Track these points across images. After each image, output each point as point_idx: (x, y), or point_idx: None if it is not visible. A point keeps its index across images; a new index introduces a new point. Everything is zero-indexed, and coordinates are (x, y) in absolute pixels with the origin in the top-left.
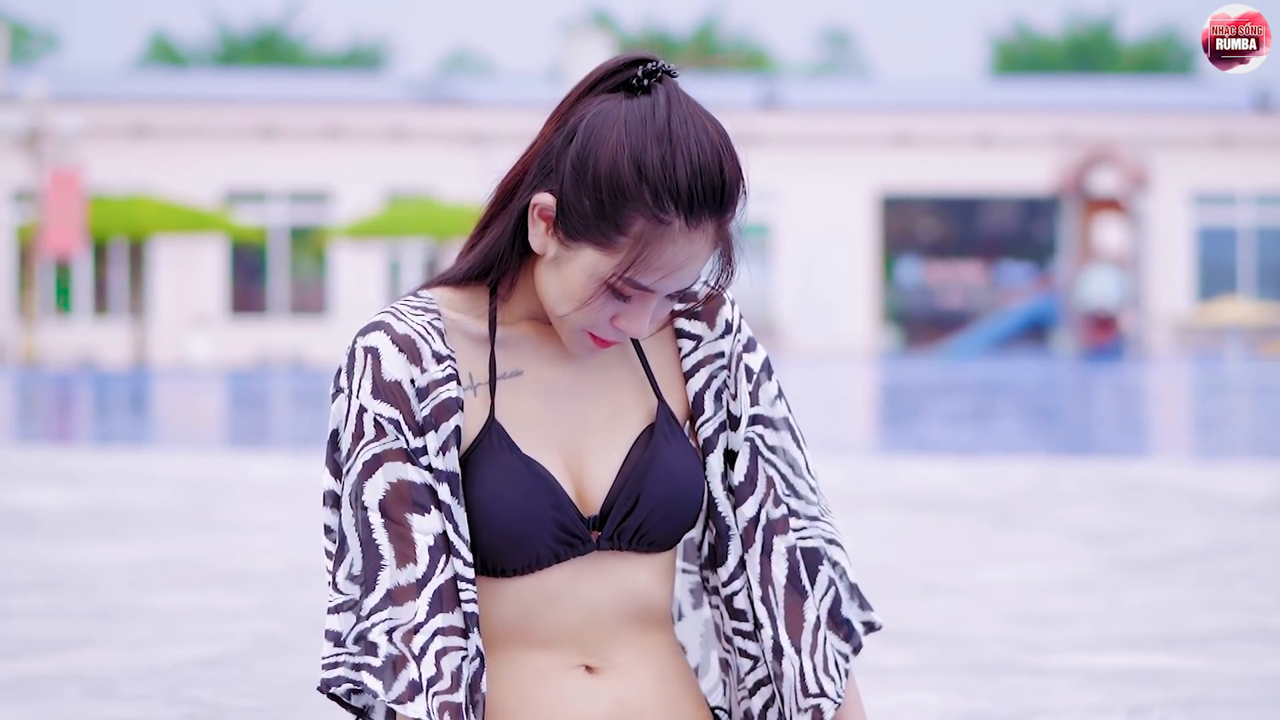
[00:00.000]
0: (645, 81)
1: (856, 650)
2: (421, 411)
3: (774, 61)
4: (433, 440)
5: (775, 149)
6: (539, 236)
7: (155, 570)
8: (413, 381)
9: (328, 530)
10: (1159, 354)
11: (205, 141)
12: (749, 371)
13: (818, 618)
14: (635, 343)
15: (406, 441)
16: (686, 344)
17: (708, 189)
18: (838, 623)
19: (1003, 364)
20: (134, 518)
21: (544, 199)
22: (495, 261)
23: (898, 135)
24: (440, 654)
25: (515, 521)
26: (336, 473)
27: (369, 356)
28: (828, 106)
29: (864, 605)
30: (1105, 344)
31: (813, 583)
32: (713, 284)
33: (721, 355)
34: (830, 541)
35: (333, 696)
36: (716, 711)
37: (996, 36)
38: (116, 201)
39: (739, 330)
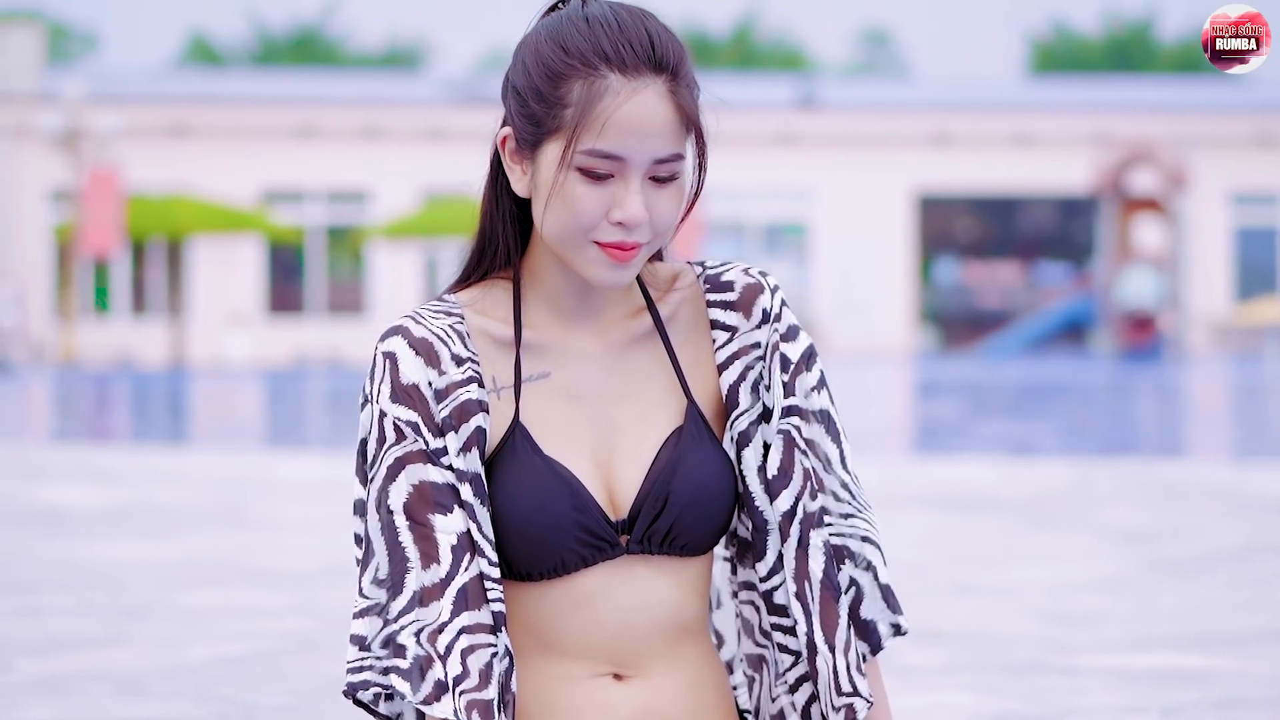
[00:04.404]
0: (563, 5)
1: (875, 651)
2: (440, 413)
3: (812, 61)
4: (453, 441)
5: (813, 149)
6: (518, 179)
7: (185, 569)
8: (430, 384)
9: (357, 539)
10: (1197, 354)
11: (243, 141)
12: (785, 361)
13: (847, 615)
14: (666, 339)
15: (426, 443)
16: (721, 335)
17: (636, 42)
18: (858, 622)
19: (1040, 364)
20: (166, 517)
21: (503, 131)
22: (489, 228)
23: (936, 135)
24: (466, 652)
25: (536, 524)
26: (365, 480)
27: (387, 362)
28: (866, 106)
29: (893, 607)
30: (1143, 344)
31: None
32: (696, 181)
33: (758, 346)
34: (863, 539)
35: (359, 703)
36: (745, 714)
37: (1035, 36)
38: (155, 201)
39: (778, 319)
